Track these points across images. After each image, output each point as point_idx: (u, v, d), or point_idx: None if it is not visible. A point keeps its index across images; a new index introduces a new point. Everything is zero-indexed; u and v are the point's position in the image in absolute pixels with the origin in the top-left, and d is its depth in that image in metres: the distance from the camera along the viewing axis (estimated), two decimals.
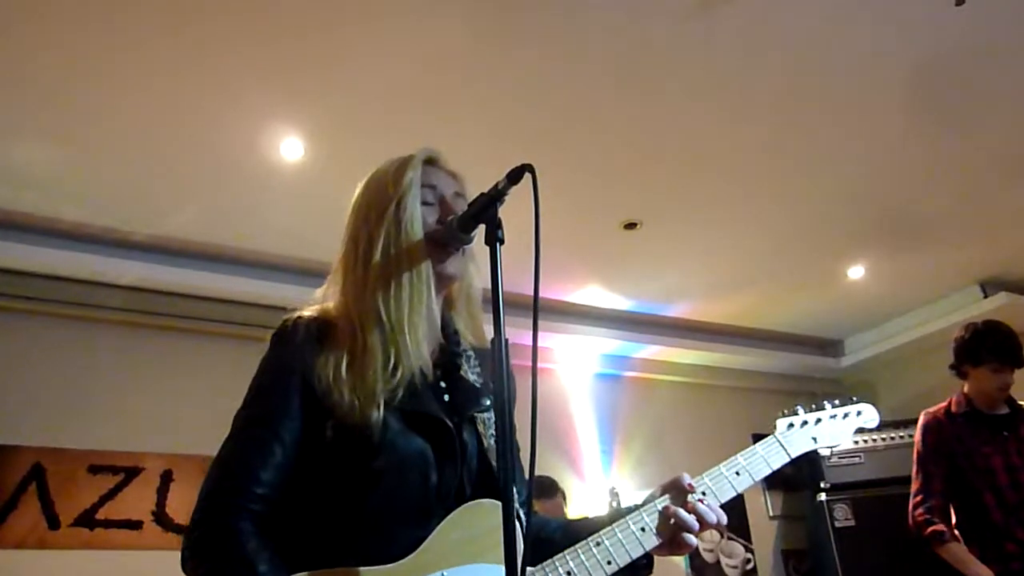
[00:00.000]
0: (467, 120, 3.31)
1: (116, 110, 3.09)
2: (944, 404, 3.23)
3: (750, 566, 5.32)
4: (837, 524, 4.93)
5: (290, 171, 3.51)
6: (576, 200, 3.92)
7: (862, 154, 3.73)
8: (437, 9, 2.75)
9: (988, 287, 5.16)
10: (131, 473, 3.82)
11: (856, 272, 4.96)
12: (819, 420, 1.62)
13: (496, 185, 1.21)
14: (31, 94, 2.97)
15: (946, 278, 5.12)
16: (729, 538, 5.30)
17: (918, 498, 3.12)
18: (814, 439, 1.59)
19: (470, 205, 1.29)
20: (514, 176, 1.19)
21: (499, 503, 1.12)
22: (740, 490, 1.44)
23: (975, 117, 3.50)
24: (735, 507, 5.44)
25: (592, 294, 5.01)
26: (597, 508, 4.87)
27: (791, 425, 1.58)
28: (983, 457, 3.04)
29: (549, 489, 3.79)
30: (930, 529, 3.02)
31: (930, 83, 3.26)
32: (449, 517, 1.21)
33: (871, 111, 3.43)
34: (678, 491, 1.37)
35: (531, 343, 1.08)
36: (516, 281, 1.39)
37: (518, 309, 1.75)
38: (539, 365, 1.12)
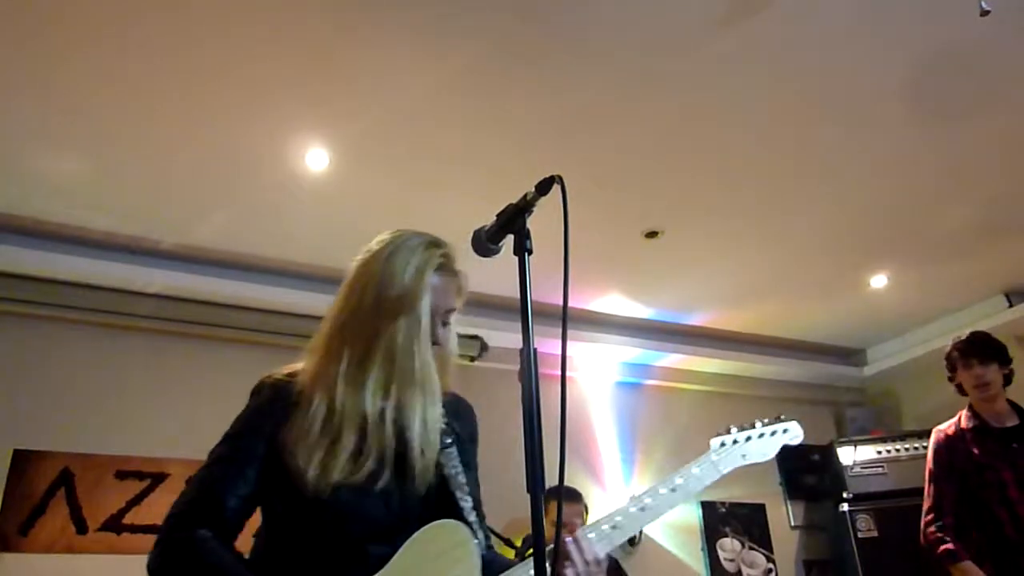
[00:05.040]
0: (490, 133, 3.33)
1: (144, 120, 3.14)
2: (954, 420, 3.19)
3: None
4: (860, 535, 4.90)
5: (315, 181, 3.55)
6: (598, 209, 3.93)
7: (885, 163, 3.71)
8: (461, 26, 2.78)
9: (1013, 297, 5.11)
10: (157, 479, 3.87)
11: (879, 281, 4.92)
12: (748, 438, 1.77)
13: (524, 196, 1.23)
14: (60, 105, 3.03)
15: (970, 287, 5.07)
16: (751, 548, 5.27)
17: (930, 516, 3.09)
18: (743, 456, 1.75)
19: (498, 216, 1.29)
20: (542, 187, 1.21)
21: (460, 523, 1.27)
22: (672, 507, 1.56)
23: (998, 125, 3.48)
24: (756, 517, 5.42)
25: (613, 302, 5.01)
26: None
27: (723, 444, 1.74)
28: (993, 472, 2.99)
29: (574, 495, 3.87)
30: (943, 548, 2.98)
31: (952, 92, 3.25)
32: (414, 536, 1.27)
33: (894, 121, 3.41)
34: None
35: (555, 351, 1.11)
36: (536, 289, 1.41)
37: (537, 317, 1.77)
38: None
